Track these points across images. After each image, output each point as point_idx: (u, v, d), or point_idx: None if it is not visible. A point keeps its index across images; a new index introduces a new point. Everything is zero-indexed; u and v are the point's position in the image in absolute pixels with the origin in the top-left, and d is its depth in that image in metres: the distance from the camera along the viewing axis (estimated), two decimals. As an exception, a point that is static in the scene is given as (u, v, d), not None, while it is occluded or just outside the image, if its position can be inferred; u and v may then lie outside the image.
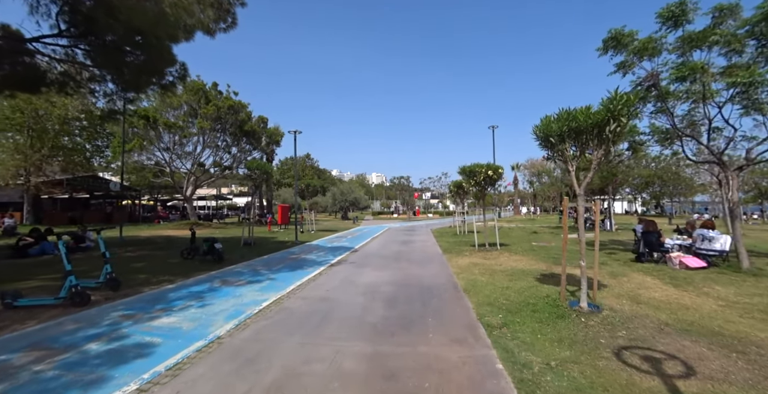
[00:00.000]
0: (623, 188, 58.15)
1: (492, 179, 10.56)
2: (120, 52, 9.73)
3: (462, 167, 10.81)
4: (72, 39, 9.99)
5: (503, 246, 12.04)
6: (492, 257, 9.75)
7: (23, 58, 10.04)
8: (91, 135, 27.24)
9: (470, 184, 10.91)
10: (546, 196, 63.00)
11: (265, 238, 16.40)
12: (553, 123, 4.60)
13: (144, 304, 5.39)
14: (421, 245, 13.38)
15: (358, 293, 6.01)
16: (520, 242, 13.92)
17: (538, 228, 21.98)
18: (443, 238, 16.24)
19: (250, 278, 7.34)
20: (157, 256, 10.55)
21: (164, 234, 18.10)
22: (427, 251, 11.59)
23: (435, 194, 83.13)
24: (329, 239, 16.13)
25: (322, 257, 10.50)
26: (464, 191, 17.83)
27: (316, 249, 12.37)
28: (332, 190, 39.90)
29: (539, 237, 15.82)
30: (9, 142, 21.56)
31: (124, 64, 9.74)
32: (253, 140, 25.29)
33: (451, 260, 9.48)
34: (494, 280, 6.86)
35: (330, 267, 8.68)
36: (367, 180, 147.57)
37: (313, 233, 19.50)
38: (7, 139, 21.72)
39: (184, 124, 22.18)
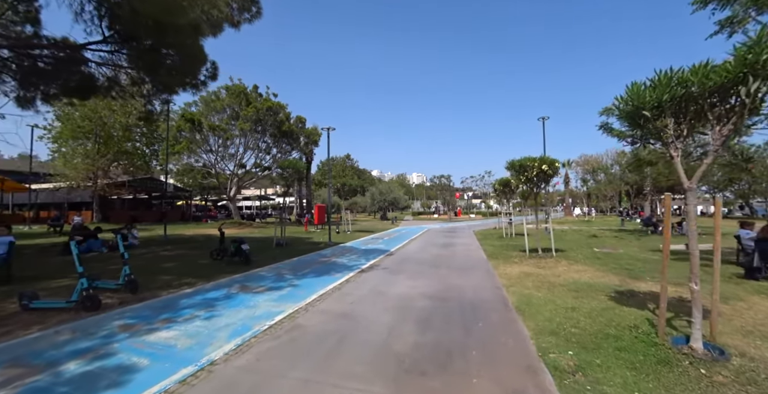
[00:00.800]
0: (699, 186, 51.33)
1: (546, 175, 9.09)
2: (156, 53, 9.76)
3: (510, 162, 9.46)
4: (114, 44, 10.21)
5: (559, 252, 10.44)
6: (547, 266, 8.32)
7: (79, 67, 10.52)
8: (149, 140, 29.37)
9: (520, 181, 9.52)
10: (602, 195, 57.50)
11: (299, 238, 16.12)
12: (648, 91, 3.32)
13: (151, 312, 4.93)
14: (464, 249, 12.14)
15: (387, 308, 5.09)
16: (578, 247, 12.12)
17: (597, 231, 19.50)
18: (487, 241, 14.79)
19: (271, 284, 6.74)
20: (190, 255, 10.50)
21: (207, 233, 18.62)
22: (470, 257, 10.37)
23: (477, 194, 79.89)
24: (364, 241, 15.42)
25: (354, 260, 9.75)
26: (511, 190, 16.22)
27: (349, 251, 11.68)
28: (371, 190, 39.47)
29: (601, 242, 13.78)
30: (79, 148, 23.69)
31: (160, 65, 9.76)
32: (292, 140, 25.50)
33: (498, 268, 8.22)
34: (554, 296, 5.57)
35: (360, 273, 7.87)
36: (408, 180, 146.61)
37: (349, 233, 18.97)
38: (78, 146, 23.89)
39: (226, 127, 22.91)
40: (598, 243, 13.31)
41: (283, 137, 25.22)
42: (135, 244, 12.24)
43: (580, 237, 15.90)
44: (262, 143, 27.01)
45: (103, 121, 22.89)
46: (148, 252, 11.06)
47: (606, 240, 14.37)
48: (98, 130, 23.21)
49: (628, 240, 14.26)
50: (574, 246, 12.37)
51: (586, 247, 12.14)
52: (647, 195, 30.53)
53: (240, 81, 24.24)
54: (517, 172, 9.36)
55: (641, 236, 15.78)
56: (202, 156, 25.84)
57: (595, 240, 14.45)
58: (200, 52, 9.78)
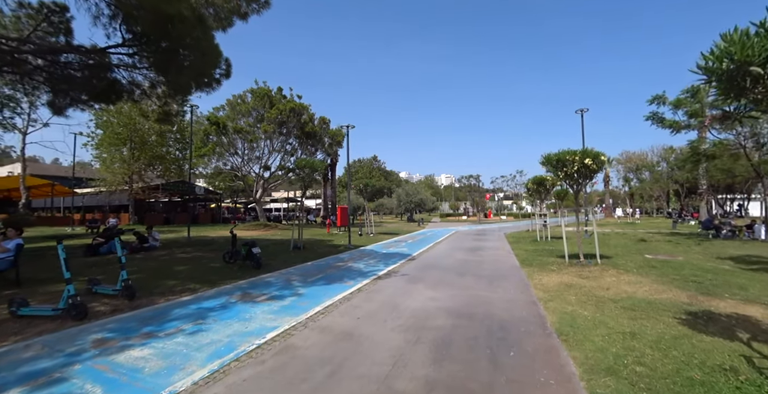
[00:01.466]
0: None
1: (589, 171, 7.89)
2: (168, 53, 9.62)
3: (546, 156, 8.34)
4: (131, 47, 10.23)
5: (605, 259, 9.13)
6: (592, 276, 7.15)
7: (104, 72, 10.66)
8: (183, 145, 30.45)
9: (558, 178, 8.36)
10: (647, 195, 53.04)
11: (320, 241, 15.67)
12: (756, 40, 2.32)
13: (136, 323, 4.47)
14: (493, 254, 11.07)
15: (398, 327, 4.31)
16: (626, 253, 10.66)
17: (645, 234, 17.51)
18: (520, 245, 13.55)
19: (276, 292, 6.17)
20: (206, 258, 10.25)
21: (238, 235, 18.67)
22: (501, 263, 9.32)
23: (509, 195, 76.71)
24: (386, 244, 14.69)
25: (372, 266, 9.03)
26: (546, 189, 14.87)
27: (368, 255, 10.98)
28: (397, 192, 38.71)
29: (652, 247, 12.14)
30: (117, 154, 24.87)
31: (172, 62, 9.62)
32: (315, 142, 25.35)
33: (533, 278, 7.17)
34: (605, 316, 4.53)
35: (375, 281, 7.13)
36: (436, 181, 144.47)
37: (372, 236, 18.32)
38: (116, 152, 25.09)
39: (250, 129, 23.13)
40: (649, 249, 11.71)
41: (307, 139, 25.12)
42: (156, 246, 12.27)
43: (627, 241, 14.21)
44: (287, 145, 27.14)
45: (137, 127, 23.87)
46: (166, 254, 10.97)
47: (658, 245, 12.66)
48: (133, 136, 24.22)
49: (685, 246, 12.47)
50: (621, 252, 10.91)
51: (635, 253, 10.66)
52: (703, 194, 27.42)
53: (265, 84, 24.48)
54: (554, 167, 8.23)
55: (701, 241, 13.83)
56: (230, 159, 26.35)
57: (645, 245, 12.79)
58: (210, 47, 9.53)
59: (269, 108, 23.28)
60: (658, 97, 13.72)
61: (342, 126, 13.97)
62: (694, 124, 13.65)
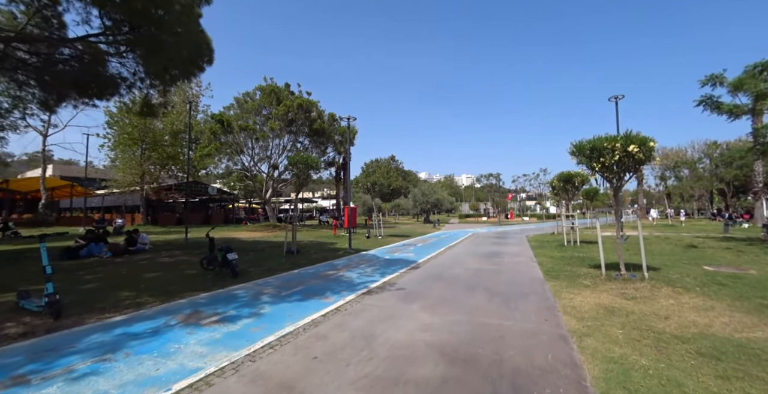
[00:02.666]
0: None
1: (635, 161, 6.25)
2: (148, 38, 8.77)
3: (578, 144, 6.75)
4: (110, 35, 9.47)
5: (651, 271, 7.42)
6: (640, 295, 5.55)
7: (98, 67, 10.01)
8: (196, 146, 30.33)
9: (593, 172, 6.75)
10: (688, 195, 48.80)
11: (321, 244, 14.55)
12: None
13: (22, 358, 3.39)
14: (512, 262, 9.52)
15: (362, 378, 3.00)
16: (676, 263, 8.84)
17: (693, 239, 15.29)
18: (544, 251, 11.86)
19: (233, 311, 5.01)
20: (186, 263, 9.30)
21: (237, 236, 17.94)
22: (521, 274, 7.80)
23: (531, 196, 73.28)
24: (393, 248, 13.36)
25: (366, 275, 7.75)
26: (574, 187, 13.10)
27: (367, 262, 9.70)
28: (413, 192, 37.22)
29: (707, 255, 10.17)
30: (128, 154, 24.87)
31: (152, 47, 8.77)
32: (325, 139, 24.38)
33: (561, 296, 5.65)
34: (675, 369, 3.03)
35: (361, 296, 5.85)
36: (456, 181, 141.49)
37: (380, 238, 17.03)
38: (128, 153, 25.10)
39: (255, 126, 22.41)
40: (704, 257, 9.77)
41: (316, 136, 24.18)
42: (145, 249, 11.53)
43: (673, 247, 12.20)
44: (298, 144, 26.36)
45: (148, 127, 23.73)
46: (149, 258, 10.13)
47: (715, 253, 10.64)
48: (144, 136, 24.10)
49: (751, 254, 10.40)
50: (670, 261, 9.08)
51: (688, 263, 8.81)
52: (759, 194, 24.28)
53: (272, 80, 23.75)
54: (587, 158, 6.64)
55: (764, 248, 11.63)
56: (241, 158, 25.84)
57: (698, 253, 10.80)
58: (189, 31, 8.61)
59: (276, 105, 22.51)
60: (714, 77, 11.65)
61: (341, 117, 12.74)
62: (760, 107, 11.45)
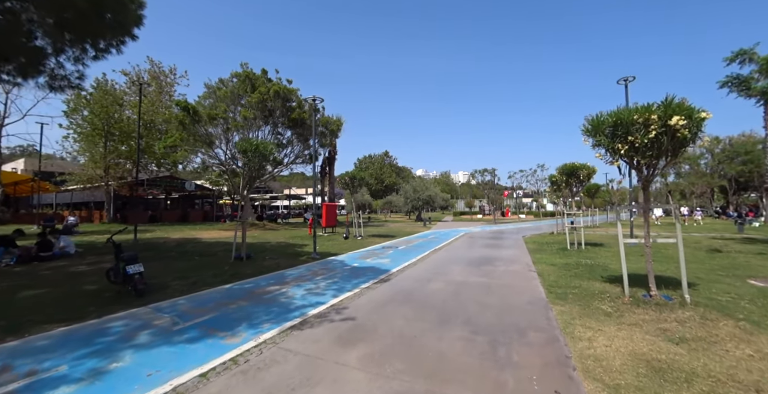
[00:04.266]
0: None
1: (677, 140, 4.43)
2: None
3: (595, 119, 4.92)
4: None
5: (693, 288, 5.63)
6: (692, 334, 3.76)
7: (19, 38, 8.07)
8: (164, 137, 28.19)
9: (615, 156, 4.89)
10: (689, 192, 47.34)
11: (288, 246, 12.68)
12: None
13: None
14: (506, 273, 7.72)
15: None
16: (711, 275, 7.09)
17: (712, 241, 13.64)
18: (544, 256, 10.09)
19: (68, 365, 3.15)
20: (99, 274, 7.38)
21: (199, 236, 16.04)
22: (516, 292, 5.99)
23: (528, 193, 71.70)
24: (369, 251, 11.52)
25: (314, 293, 5.92)
26: (579, 181, 11.32)
27: (327, 272, 7.86)
28: (404, 188, 35.37)
29: (740, 263, 8.44)
30: (90, 146, 22.76)
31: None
32: (305, 131, 22.38)
33: (574, 336, 3.84)
34: None
35: (285, 333, 4.02)
36: (452, 178, 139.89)
37: (359, 239, 15.18)
38: (89, 144, 22.95)
39: (226, 115, 20.36)
40: (740, 266, 8.02)
41: (297, 127, 22.19)
42: (69, 252, 9.61)
43: (693, 252, 10.50)
44: (278, 136, 24.37)
45: (112, 116, 21.64)
46: (59, 267, 8.19)
47: (750, 260, 8.90)
48: (107, 126, 21.98)
49: (790, 260, 8.69)
50: (702, 272, 7.31)
51: (725, 275, 7.05)
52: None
53: (246, 65, 21.65)
54: (609, 138, 4.81)
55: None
56: (217, 152, 23.81)
57: (728, 259, 9.06)
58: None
59: (252, 92, 20.47)
60: (743, 53, 9.85)
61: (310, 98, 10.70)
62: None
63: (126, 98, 23.59)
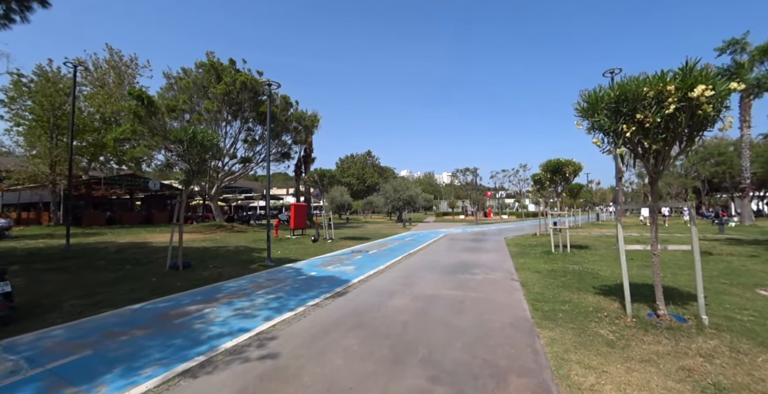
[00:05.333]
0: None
1: (699, 119, 3.46)
2: None
3: (591, 94, 3.92)
4: None
5: (694, 301, 4.69)
6: (731, 378, 2.74)
7: None
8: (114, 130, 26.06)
9: (624, 137, 3.88)
10: (666, 192, 48.25)
11: (245, 251, 11.29)
12: None
13: None
14: (484, 283, 6.67)
15: None
16: (714, 284, 6.26)
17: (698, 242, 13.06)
18: (527, 260, 9.15)
19: None
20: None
21: (151, 240, 14.39)
22: (495, 312, 4.92)
23: (511, 194, 72.00)
24: (334, 257, 10.30)
25: (244, 316, 4.67)
26: (564, 178, 10.48)
27: (273, 284, 6.60)
28: (383, 188, 34.24)
29: (739, 269, 7.70)
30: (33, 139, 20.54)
31: None
32: (276, 126, 20.90)
33: (573, 385, 2.75)
34: None
35: (162, 388, 2.76)
36: (436, 179, 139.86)
37: (329, 242, 13.91)
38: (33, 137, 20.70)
39: (185, 107, 18.69)
40: (739, 273, 7.26)
41: (264, 122, 20.68)
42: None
43: (686, 255, 9.78)
44: (250, 132, 22.80)
45: (54, 106, 19.52)
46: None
47: (746, 265, 8.18)
48: (52, 117, 19.82)
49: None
50: (704, 280, 6.44)
51: (729, 283, 6.23)
52: (747, 190, 22.87)
53: (212, 54, 20.01)
54: (611, 118, 3.80)
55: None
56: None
57: (723, 264, 8.34)
58: None
59: (216, 83, 18.87)
60: (735, 43, 9.22)
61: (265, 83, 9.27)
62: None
63: (83, 89, 21.50)
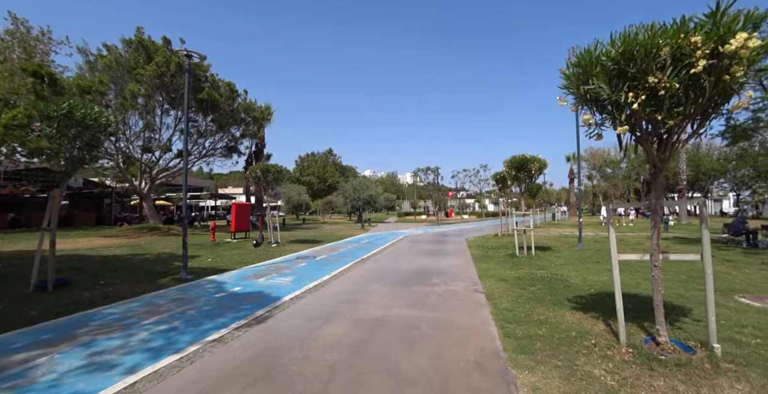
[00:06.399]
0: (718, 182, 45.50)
1: (727, 84, 2.58)
2: None
3: (585, 52, 2.91)
4: None
5: (692, 317, 3.91)
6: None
7: None
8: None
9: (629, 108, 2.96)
10: (612, 193, 51.54)
11: (166, 259, 9.38)
12: None
13: None
14: (445, 297, 5.59)
15: None
16: (696, 293, 5.67)
17: (648, 241, 13.19)
18: (491, 266, 8.28)
19: None
20: None
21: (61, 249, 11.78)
22: (457, 344, 3.80)
23: (471, 194, 73.56)
24: (273, 265, 8.76)
25: (93, 368, 3.11)
26: (529, 175, 9.80)
27: (174, 308, 5.01)
28: (342, 187, 32.75)
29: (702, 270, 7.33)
30: None
31: None
32: (223, 116, 18.67)
33: None
34: None
35: None
36: (399, 179, 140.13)
37: (274, 246, 12.25)
38: None
39: (104, 88, 15.97)
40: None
41: (206, 111, 18.39)
42: None
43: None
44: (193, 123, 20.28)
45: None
46: None
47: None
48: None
49: (751, 264, 7.88)
50: (679, 287, 5.88)
51: (702, 288, 5.66)
52: (683, 191, 24.38)
53: (141, 30, 17.31)
54: (613, 84, 2.79)
55: (747, 254, 9.43)
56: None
57: (687, 265, 8.01)
58: None
59: (146, 64, 16.32)
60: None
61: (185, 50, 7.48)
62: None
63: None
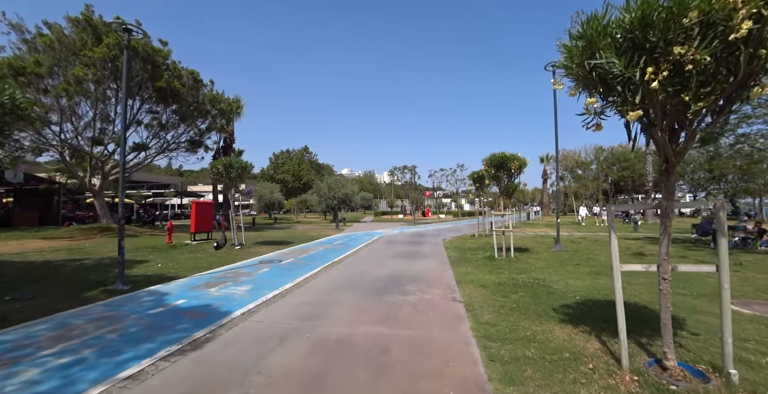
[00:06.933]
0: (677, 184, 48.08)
1: (763, 58, 2.13)
2: None
3: (591, 19, 2.40)
4: None
5: (689, 331, 3.52)
6: None
7: None
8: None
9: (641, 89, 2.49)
10: (581, 194, 53.34)
11: (109, 264, 8.24)
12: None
13: None
14: (419, 309, 4.99)
15: None
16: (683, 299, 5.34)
17: (624, 242, 13.28)
18: (470, 270, 7.80)
19: None
20: None
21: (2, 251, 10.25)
22: (434, 372, 3.19)
23: (447, 194, 74.13)
24: (231, 270, 7.87)
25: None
26: (508, 174, 9.43)
27: (98, 328, 4.11)
28: (317, 185, 31.70)
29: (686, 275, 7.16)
30: None
31: None
32: (181, 107, 17.26)
33: None
34: None
35: None
36: (376, 178, 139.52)
37: (237, 249, 11.25)
38: None
39: (43, 71, 14.25)
40: (689, 279, 6.66)
41: (166, 101, 16.91)
42: None
43: (624, 258, 9.31)
44: (154, 114, 18.65)
45: None
46: None
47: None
48: None
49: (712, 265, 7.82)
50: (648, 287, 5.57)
51: (689, 294, 5.40)
52: (649, 192, 25.28)
53: (91, 8, 15.58)
54: (626, 60, 2.25)
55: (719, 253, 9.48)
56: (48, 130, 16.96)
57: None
58: None
59: (94, 46, 14.69)
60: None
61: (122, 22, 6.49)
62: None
63: None
